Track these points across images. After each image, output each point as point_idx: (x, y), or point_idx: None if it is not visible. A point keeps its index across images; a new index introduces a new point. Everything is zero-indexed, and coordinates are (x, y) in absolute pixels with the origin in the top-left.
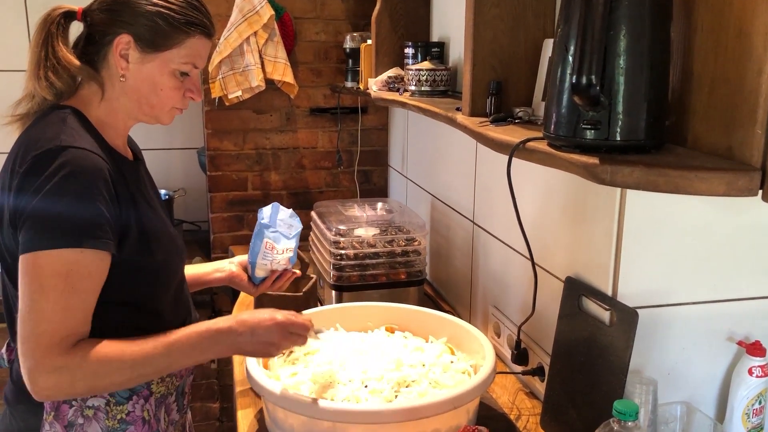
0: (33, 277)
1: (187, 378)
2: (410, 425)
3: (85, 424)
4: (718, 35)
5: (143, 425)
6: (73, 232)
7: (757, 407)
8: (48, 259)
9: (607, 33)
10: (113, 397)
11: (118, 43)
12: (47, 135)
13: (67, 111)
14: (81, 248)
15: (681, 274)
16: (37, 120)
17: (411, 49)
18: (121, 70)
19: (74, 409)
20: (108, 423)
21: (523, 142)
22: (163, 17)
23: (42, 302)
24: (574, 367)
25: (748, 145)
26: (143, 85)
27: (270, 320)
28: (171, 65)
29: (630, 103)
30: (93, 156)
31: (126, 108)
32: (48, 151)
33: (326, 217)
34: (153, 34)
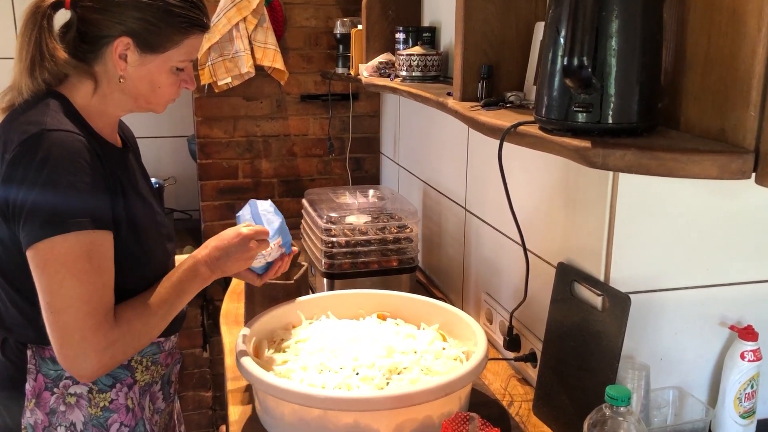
0: (56, 265)
1: (174, 367)
2: (402, 412)
3: (67, 412)
4: (712, 16)
5: (127, 413)
6: (82, 214)
7: (749, 391)
8: (65, 245)
9: (599, 14)
10: (95, 385)
11: (117, 45)
12: (31, 119)
13: (51, 97)
14: (92, 229)
15: (674, 259)
16: (19, 109)
17: (402, 34)
18: (120, 71)
19: (56, 397)
20: (90, 411)
21: (514, 126)
22: (164, 18)
23: (75, 287)
24: (566, 353)
25: (742, 128)
26: (142, 84)
27: (237, 236)
28: (170, 64)
29: (622, 85)
30: (78, 137)
31: (120, 102)
32: (33, 136)
33: (317, 204)
34: (153, 37)
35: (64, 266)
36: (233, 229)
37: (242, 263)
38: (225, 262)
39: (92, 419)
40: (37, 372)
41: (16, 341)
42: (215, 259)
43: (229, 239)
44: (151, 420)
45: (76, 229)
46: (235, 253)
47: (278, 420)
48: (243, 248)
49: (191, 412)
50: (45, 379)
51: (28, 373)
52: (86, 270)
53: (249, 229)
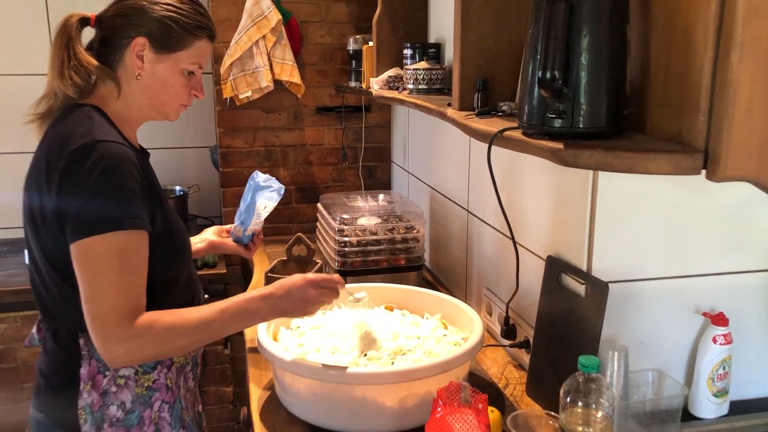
0: (91, 262)
1: (199, 350)
2: (405, 386)
3: (117, 392)
4: (669, 35)
5: (167, 392)
6: (119, 216)
7: (722, 372)
8: (102, 243)
9: (570, 33)
10: (141, 367)
11: (135, 45)
12: (79, 131)
13: (89, 108)
14: (127, 230)
15: (651, 252)
16: (61, 118)
17: (409, 50)
18: (137, 69)
19: (107, 379)
20: (137, 390)
21: (501, 132)
22: (176, 21)
23: (105, 282)
24: (554, 338)
25: (694, 131)
26: (156, 83)
27: (302, 280)
28: (181, 65)
29: (591, 95)
30: (123, 148)
31: (139, 104)
32: (83, 146)
33: (331, 208)
34: (166, 37)
35: (98, 262)
36: (300, 276)
37: (302, 306)
38: (285, 301)
39: (138, 398)
40: (90, 358)
41: (68, 330)
42: (276, 298)
43: (293, 282)
44: (185, 397)
45: (112, 230)
46: (297, 294)
47: (294, 396)
48: (304, 292)
49: (213, 406)
50: (97, 363)
51: (82, 359)
52: (117, 267)
53: (314, 276)
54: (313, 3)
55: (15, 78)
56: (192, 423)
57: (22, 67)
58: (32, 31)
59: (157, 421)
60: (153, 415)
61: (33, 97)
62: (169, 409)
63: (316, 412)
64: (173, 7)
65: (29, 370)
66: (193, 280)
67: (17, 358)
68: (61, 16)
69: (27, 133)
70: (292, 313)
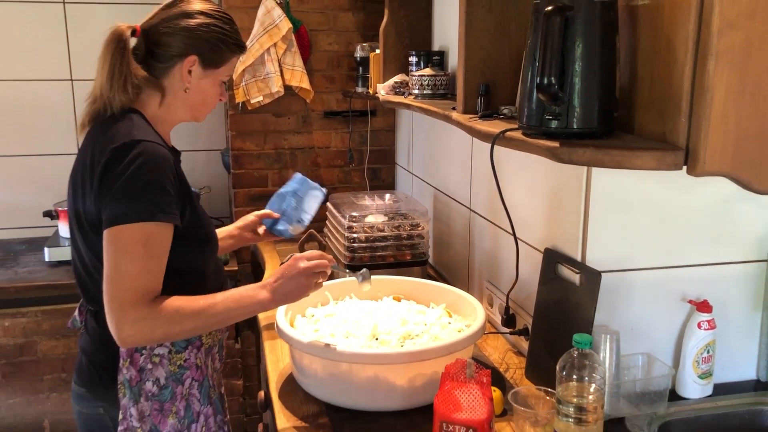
0: (118, 246)
1: (224, 334)
2: (413, 367)
3: (153, 369)
4: (654, 45)
5: (196, 370)
6: (149, 208)
7: (706, 356)
8: (130, 231)
9: (565, 43)
10: (174, 347)
11: (186, 62)
12: (121, 132)
13: (130, 111)
14: (155, 221)
15: (640, 244)
16: (105, 121)
17: (414, 58)
18: (186, 84)
19: (144, 357)
20: (171, 368)
21: (503, 132)
22: (223, 42)
23: (126, 266)
24: (551, 324)
25: (676, 131)
26: (199, 94)
27: (291, 259)
28: (220, 78)
29: (584, 98)
30: (161, 148)
31: (179, 110)
32: (125, 144)
33: (340, 207)
34: (214, 56)
35: (123, 248)
36: (293, 262)
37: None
38: (281, 283)
39: (171, 375)
40: None
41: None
42: (273, 282)
43: (284, 265)
44: (212, 376)
45: (143, 220)
46: (290, 272)
47: (311, 377)
48: (295, 268)
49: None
50: None
51: None
52: (140, 254)
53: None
54: (321, 12)
55: (35, 83)
56: (218, 401)
57: (40, 73)
58: (51, 38)
59: (188, 397)
60: (184, 391)
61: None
62: (198, 386)
63: (332, 392)
64: (219, 28)
65: (49, 362)
66: (220, 272)
67: (37, 351)
68: (78, 23)
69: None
70: (291, 294)
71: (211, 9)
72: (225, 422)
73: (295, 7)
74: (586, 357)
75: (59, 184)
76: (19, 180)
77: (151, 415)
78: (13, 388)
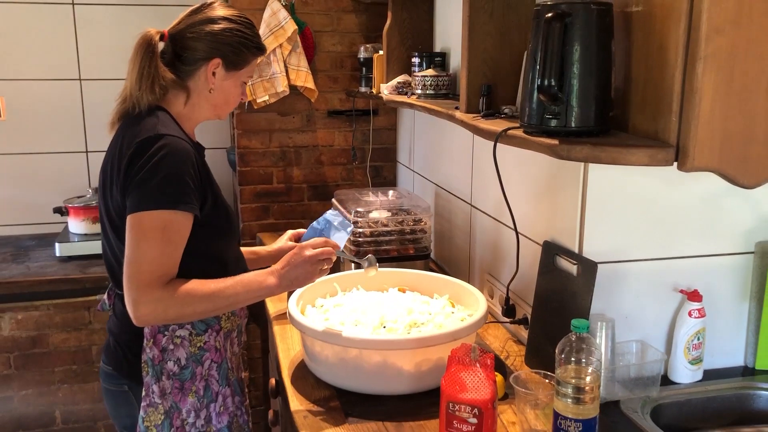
0: (138, 231)
1: (243, 320)
2: (419, 352)
3: (174, 349)
4: (647, 48)
5: (215, 352)
6: (169, 197)
7: (696, 342)
8: (150, 218)
9: (564, 47)
10: (194, 329)
11: (211, 65)
12: (147, 127)
13: (156, 109)
14: (174, 210)
15: (635, 237)
16: (134, 118)
17: (417, 59)
18: (210, 85)
19: (166, 338)
20: (191, 349)
21: (505, 131)
22: (245, 45)
23: (145, 249)
24: (550, 313)
25: (667, 130)
26: (221, 95)
27: (300, 257)
28: (241, 79)
29: (581, 99)
30: (183, 142)
31: (203, 109)
32: (149, 138)
33: (345, 202)
34: (237, 59)
35: (143, 233)
36: (298, 251)
37: (303, 268)
38: (288, 269)
39: (192, 356)
40: None
41: None
42: (281, 269)
43: (290, 253)
44: (230, 360)
45: (160, 208)
46: (296, 260)
47: (322, 363)
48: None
49: None
50: (158, 325)
51: None
52: (158, 239)
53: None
54: (325, 14)
55: (44, 83)
56: (236, 383)
57: (50, 73)
58: (60, 38)
59: (207, 377)
60: (203, 372)
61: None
62: (217, 368)
63: (342, 376)
64: (241, 32)
65: (60, 354)
66: (241, 260)
67: (50, 344)
68: (87, 24)
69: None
70: (298, 279)
71: (234, 14)
72: (243, 404)
73: (300, 9)
74: (584, 341)
75: (69, 182)
76: (30, 177)
77: (172, 392)
78: (26, 379)
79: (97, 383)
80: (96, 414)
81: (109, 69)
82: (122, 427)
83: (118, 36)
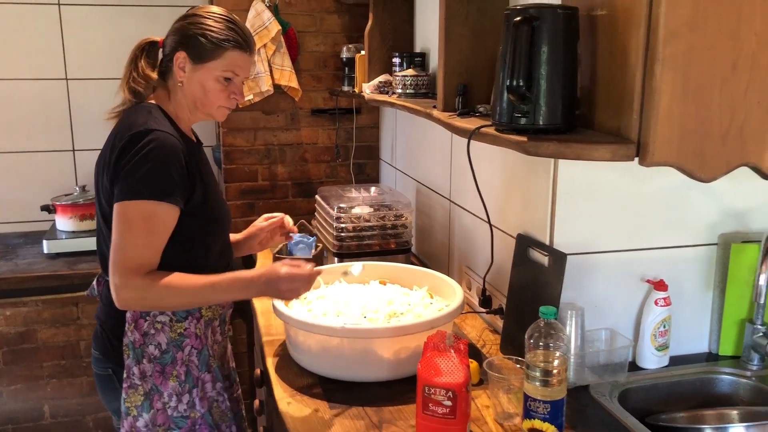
0: (124, 221)
1: (227, 310)
2: (398, 340)
3: (155, 334)
4: (611, 51)
5: (195, 339)
6: (153, 189)
7: (662, 330)
8: (135, 208)
9: (532, 49)
10: (175, 316)
11: (177, 58)
12: (139, 121)
13: (151, 105)
14: (158, 201)
15: (603, 229)
16: (128, 112)
17: (398, 59)
18: (179, 78)
19: (147, 323)
20: (171, 335)
21: (478, 128)
22: (206, 37)
23: (129, 238)
24: (524, 303)
25: (629, 127)
26: (195, 88)
27: (277, 276)
28: (214, 73)
29: (549, 98)
30: (171, 137)
31: (186, 106)
32: (139, 132)
33: (329, 199)
34: (199, 50)
35: (128, 222)
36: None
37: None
38: (266, 288)
39: (172, 341)
40: None
41: None
42: (260, 284)
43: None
44: (212, 347)
45: (146, 198)
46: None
47: (305, 352)
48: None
49: None
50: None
51: None
52: (141, 229)
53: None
54: (309, 15)
55: (31, 82)
56: (218, 370)
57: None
58: (46, 38)
59: (188, 363)
60: (184, 357)
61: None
62: (198, 354)
63: (324, 365)
64: (207, 25)
65: (49, 350)
66: (227, 250)
67: (38, 339)
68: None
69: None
70: (275, 297)
71: (208, 11)
72: (226, 390)
73: (284, 10)
74: (551, 327)
75: (56, 180)
76: (17, 176)
77: (153, 375)
78: (15, 374)
79: (85, 378)
80: (84, 408)
81: (95, 69)
82: (113, 410)
83: (103, 37)
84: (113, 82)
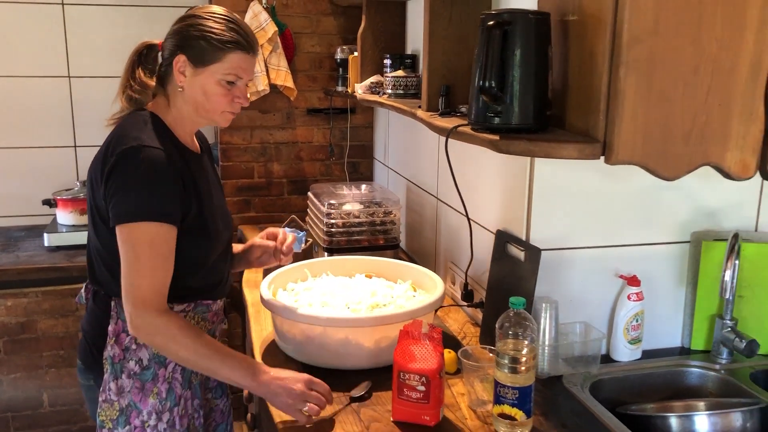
0: (129, 246)
1: (218, 325)
2: (379, 330)
3: (137, 350)
4: (580, 54)
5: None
6: (150, 210)
7: (635, 324)
8: (139, 231)
9: (504, 52)
10: None
11: (176, 62)
12: (132, 134)
13: (147, 115)
14: (156, 222)
15: (579, 226)
16: (124, 120)
17: (389, 60)
18: (179, 83)
19: (129, 338)
20: (154, 350)
21: (455, 127)
22: (206, 39)
23: (136, 264)
24: (501, 297)
25: (596, 127)
26: (197, 93)
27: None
28: (216, 76)
29: (521, 99)
30: (162, 153)
31: (188, 112)
32: (131, 148)
33: (320, 196)
34: (200, 53)
35: (133, 247)
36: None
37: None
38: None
39: (154, 357)
40: (117, 318)
41: (105, 294)
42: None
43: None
44: None
45: (144, 220)
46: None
47: (290, 340)
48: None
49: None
50: (123, 323)
51: (111, 318)
52: (148, 254)
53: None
54: (305, 16)
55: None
56: (197, 386)
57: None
58: (50, 37)
59: (171, 380)
60: (167, 374)
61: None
62: (182, 371)
63: (308, 353)
64: (206, 27)
65: (48, 340)
66: (220, 266)
67: (38, 330)
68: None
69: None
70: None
71: (208, 11)
72: (201, 407)
73: (280, 11)
74: (521, 316)
75: (57, 175)
76: (20, 171)
77: (131, 392)
78: (15, 363)
79: None
80: (82, 398)
81: (97, 67)
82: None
83: (106, 35)
84: (115, 80)
